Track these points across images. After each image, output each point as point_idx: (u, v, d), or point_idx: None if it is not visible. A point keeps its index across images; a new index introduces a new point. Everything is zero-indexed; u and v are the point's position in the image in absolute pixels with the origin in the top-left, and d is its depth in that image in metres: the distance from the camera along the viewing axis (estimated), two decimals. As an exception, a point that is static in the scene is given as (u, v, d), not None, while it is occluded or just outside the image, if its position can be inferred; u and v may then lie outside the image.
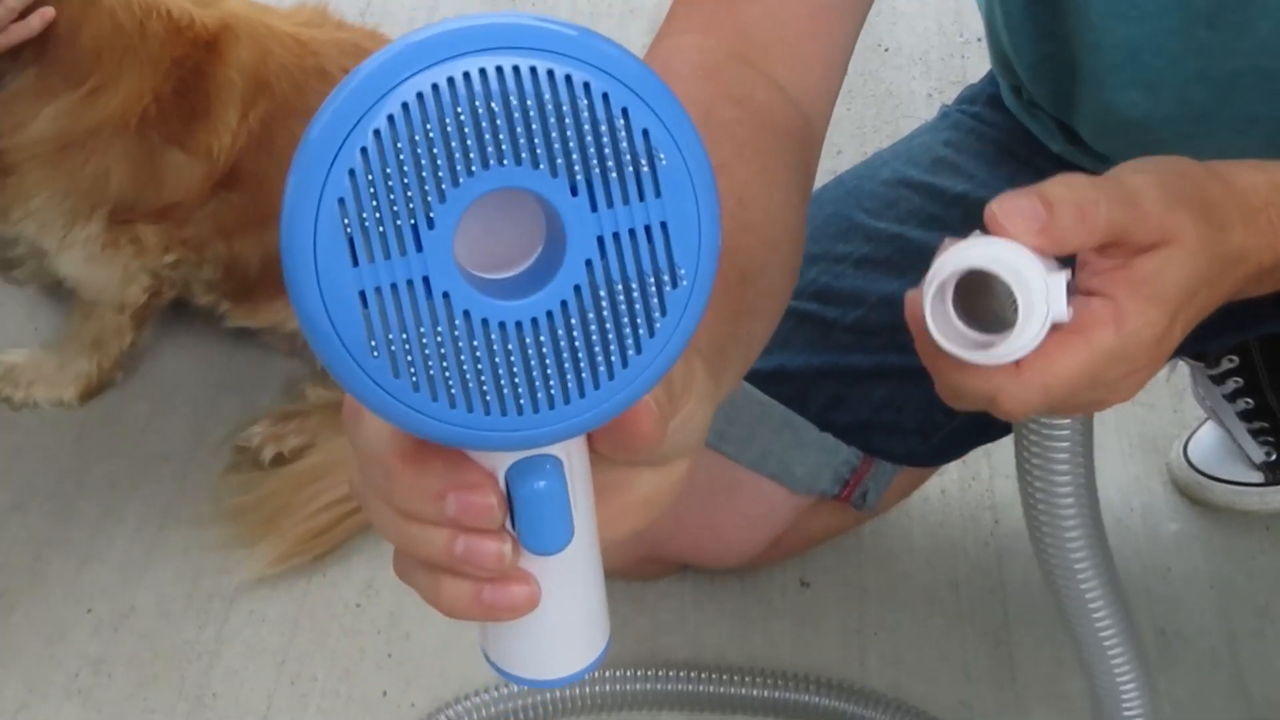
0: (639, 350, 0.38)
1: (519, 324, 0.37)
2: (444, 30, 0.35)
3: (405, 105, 0.35)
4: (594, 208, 0.36)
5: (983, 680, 1.17)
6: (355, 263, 0.35)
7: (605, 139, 0.36)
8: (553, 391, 0.38)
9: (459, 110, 0.35)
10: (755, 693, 1.13)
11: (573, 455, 0.42)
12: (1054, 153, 1.04)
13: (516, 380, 0.37)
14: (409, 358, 0.36)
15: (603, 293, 0.37)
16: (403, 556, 0.45)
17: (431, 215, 0.35)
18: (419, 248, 0.35)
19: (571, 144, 0.36)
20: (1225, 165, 0.61)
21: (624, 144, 0.36)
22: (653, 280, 0.37)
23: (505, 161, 0.35)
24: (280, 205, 0.36)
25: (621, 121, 0.36)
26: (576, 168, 0.36)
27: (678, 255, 0.37)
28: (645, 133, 0.36)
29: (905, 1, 1.92)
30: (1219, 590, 1.23)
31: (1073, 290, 0.55)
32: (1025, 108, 1.05)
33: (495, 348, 0.37)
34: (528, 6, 1.93)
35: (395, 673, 1.18)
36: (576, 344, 0.37)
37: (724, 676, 1.13)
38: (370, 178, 0.35)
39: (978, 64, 1.02)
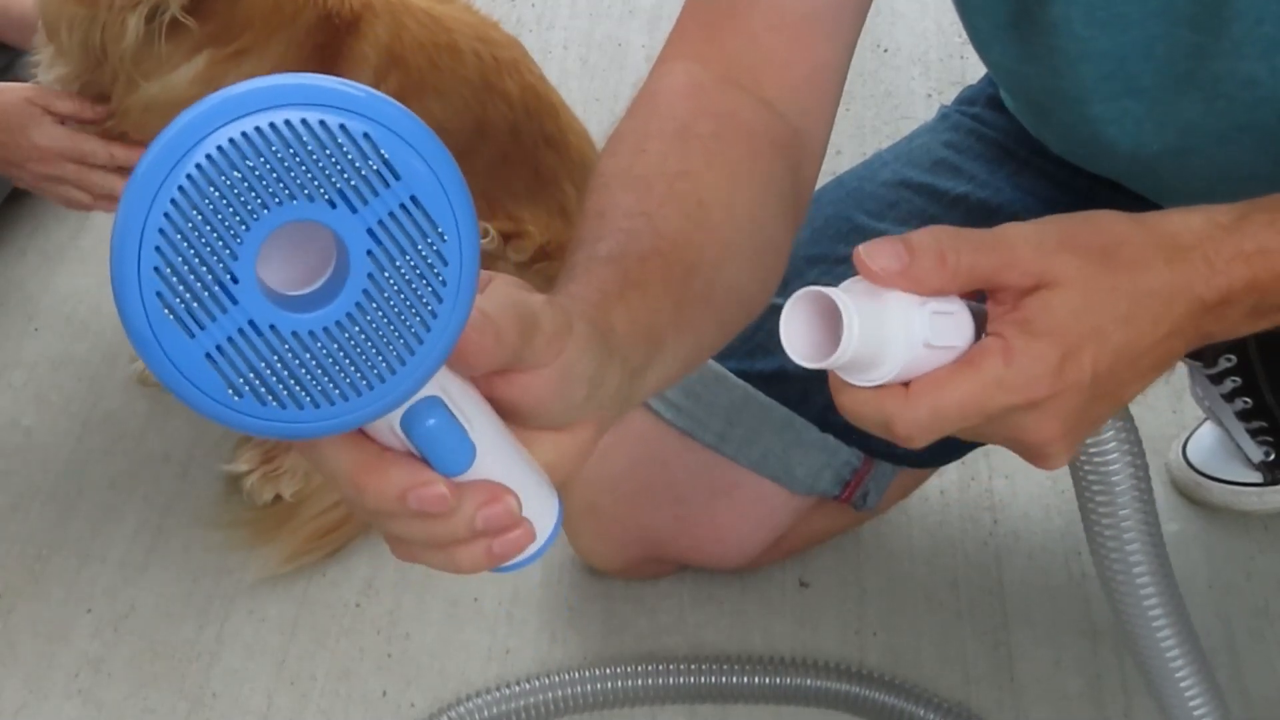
0: (440, 299, 0.45)
1: (338, 322, 0.44)
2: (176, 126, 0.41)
3: (174, 201, 0.41)
4: (354, 210, 0.43)
5: (982, 680, 1.17)
6: (191, 335, 0.43)
7: (332, 156, 0.42)
8: (388, 359, 0.45)
9: (213, 189, 0.42)
10: (748, 680, 1.13)
11: (448, 388, 0.49)
12: (1054, 154, 1.04)
13: (354, 365, 0.44)
14: (264, 389, 0.44)
15: (387, 272, 0.44)
16: (399, 544, 0.52)
17: (231, 273, 0.42)
18: (234, 301, 0.43)
19: (308, 171, 0.42)
20: (1159, 213, 0.62)
21: (350, 154, 0.43)
22: (423, 245, 0.44)
23: (268, 207, 0.42)
24: None
25: (343, 136, 0.42)
26: (321, 187, 0.42)
27: (436, 217, 0.44)
28: (366, 136, 0.43)
29: (905, 2, 1.92)
30: (1218, 590, 1.23)
31: (981, 321, 0.59)
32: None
33: (326, 349, 0.44)
34: (528, 7, 1.93)
35: (395, 673, 1.18)
36: (387, 317, 0.44)
37: (716, 666, 1.14)
38: (171, 268, 0.42)
39: (977, 64, 1.02)
